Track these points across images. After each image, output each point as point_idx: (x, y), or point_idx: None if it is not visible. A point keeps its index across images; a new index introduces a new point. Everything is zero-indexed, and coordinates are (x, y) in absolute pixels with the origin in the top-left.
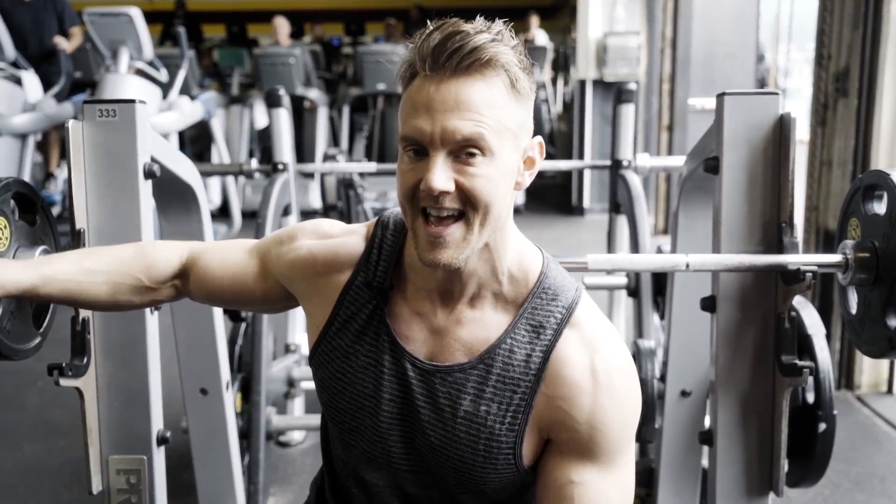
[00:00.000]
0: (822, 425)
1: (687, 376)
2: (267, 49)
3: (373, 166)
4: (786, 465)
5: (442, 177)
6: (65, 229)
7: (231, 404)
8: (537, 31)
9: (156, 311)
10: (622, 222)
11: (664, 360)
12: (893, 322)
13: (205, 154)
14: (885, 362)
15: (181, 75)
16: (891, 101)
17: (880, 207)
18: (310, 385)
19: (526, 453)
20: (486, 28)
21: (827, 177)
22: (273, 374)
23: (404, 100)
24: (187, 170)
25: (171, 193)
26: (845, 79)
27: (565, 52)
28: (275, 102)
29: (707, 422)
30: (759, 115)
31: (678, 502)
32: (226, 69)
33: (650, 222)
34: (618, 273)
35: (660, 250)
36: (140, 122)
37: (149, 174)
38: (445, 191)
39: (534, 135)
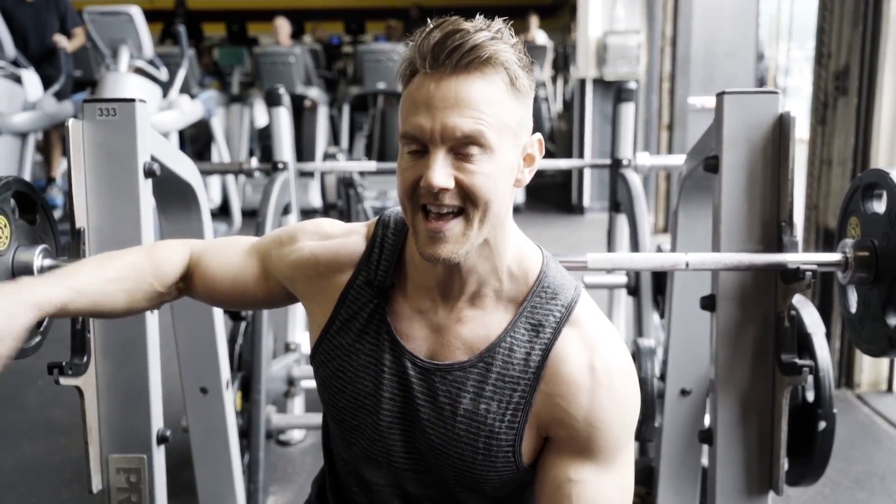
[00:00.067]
0: (822, 424)
1: (687, 375)
2: (267, 48)
3: (373, 165)
4: (786, 464)
5: (442, 174)
6: (65, 229)
7: (231, 403)
8: (537, 33)
9: (155, 309)
10: (622, 221)
11: (664, 358)
12: (893, 321)
13: (205, 153)
14: (885, 361)
15: (181, 74)
16: (891, 100)
17: (880, 206)
18: (310, 384)
19: (525, 451)
20: (486, 26)
21: (827, 175)
22: (273, 372)
23: (404, 97)
24: (187, 169)
25: (172, 192)
26: (845, 77)
27: (565, 52)
28: (275, 101)
29: (707, 420)
30: (758, 114)
31: (678, 501)
32: (226, 68)
33: (650, 221)
34: (618, 272)
35: (660, 249)
36: (140, 121)
37: (149, 173)
38: (445, 188)
39: (533, 133)
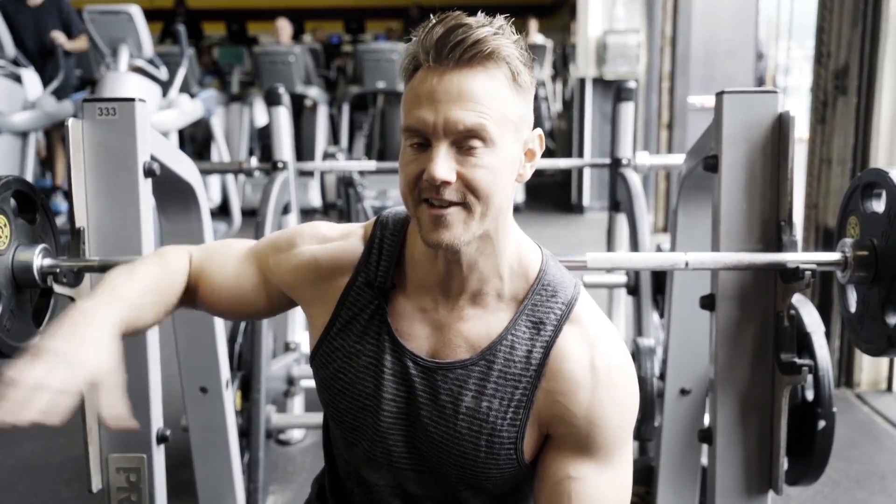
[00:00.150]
0: (822, 423)
1: (686, 374)
2: (267, 47)
3: (373, 164)
4: (785, 463)
5: (444, 167)
6: (65, 228)
7: (231, 402)
8: (536, 36)
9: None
10: (622, 220)
11: (664, 358)
12: (892, 320)
13: (204, 152)
14: (885, 360)
15: (181, 73)
16: (890, 99)
17: (879, 206)
18: (309, 383)
19: (527, 448)
20: (489, 22)
21: (826, 175)
22: (273, 372)
23: (407, 92)
24: (187, 168)
25: (171, 192)
26: (845, 76)
27: (564, 52)
28: (275, 100)
29: (706, 420)
30: (758, 114)
31: (678, 500)
32: (226, 67)
33: (650, 220)
34: (617, 271)
35: (659, 248)
36: (140, 121)
37: (149, 172)
38: (447, 181)
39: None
